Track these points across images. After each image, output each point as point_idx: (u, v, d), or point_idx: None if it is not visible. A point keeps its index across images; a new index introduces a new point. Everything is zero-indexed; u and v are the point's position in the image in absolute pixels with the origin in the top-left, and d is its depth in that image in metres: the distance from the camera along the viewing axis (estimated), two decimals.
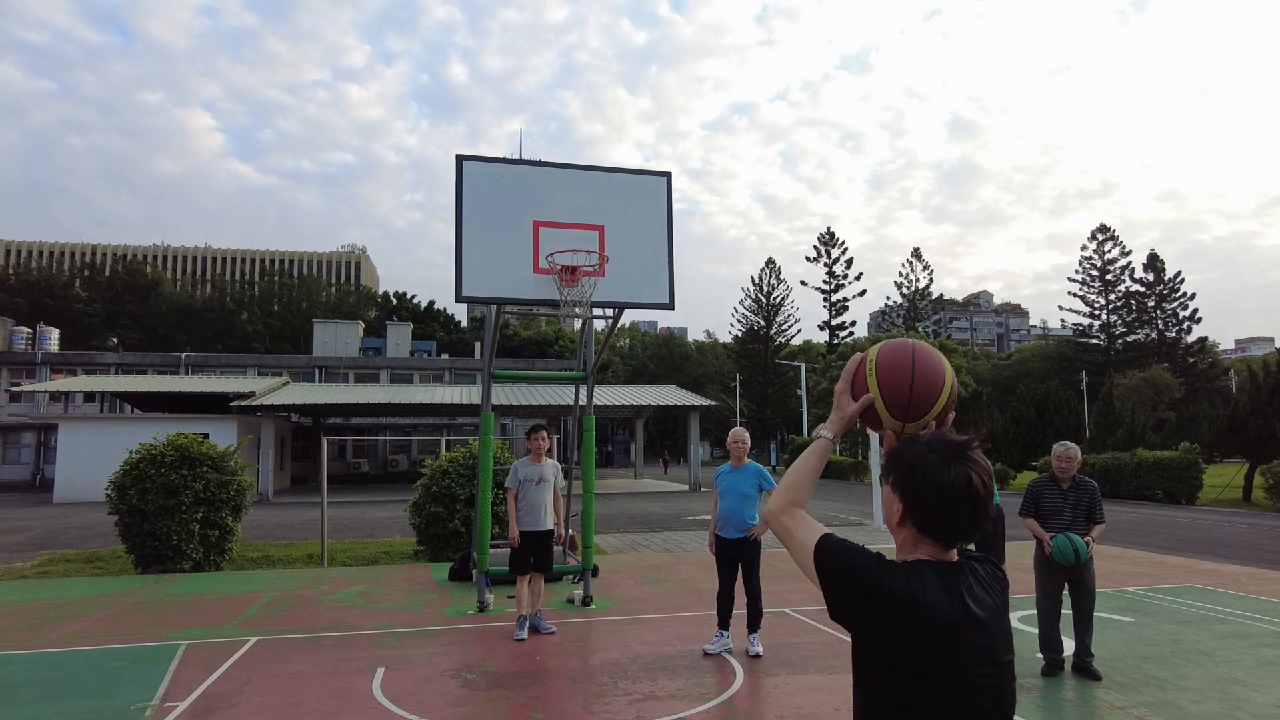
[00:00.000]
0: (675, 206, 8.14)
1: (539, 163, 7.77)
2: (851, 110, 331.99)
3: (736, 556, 6.31)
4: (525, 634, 6.71)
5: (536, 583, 7.05)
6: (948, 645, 1.49)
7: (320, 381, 42.65)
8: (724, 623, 6.37)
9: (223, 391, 30.14)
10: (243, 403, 28.34)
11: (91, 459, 24.88)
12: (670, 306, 7.83)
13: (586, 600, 8.28)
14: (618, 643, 6.69)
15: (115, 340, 53.06)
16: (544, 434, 7.13)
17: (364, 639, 6.82)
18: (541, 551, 6.97)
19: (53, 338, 45.46)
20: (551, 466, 7.15)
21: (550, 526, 7.06)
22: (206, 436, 11.18)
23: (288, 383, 36.43)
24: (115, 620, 7.61)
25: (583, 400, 9.56)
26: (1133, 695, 5.20)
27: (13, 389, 38.43)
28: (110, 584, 9.70)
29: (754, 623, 6.29)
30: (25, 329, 46.08)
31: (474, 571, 8.57)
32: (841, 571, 1.53)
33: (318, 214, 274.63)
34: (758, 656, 6.12)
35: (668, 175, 8.07)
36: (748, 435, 6.58)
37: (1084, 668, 5.63)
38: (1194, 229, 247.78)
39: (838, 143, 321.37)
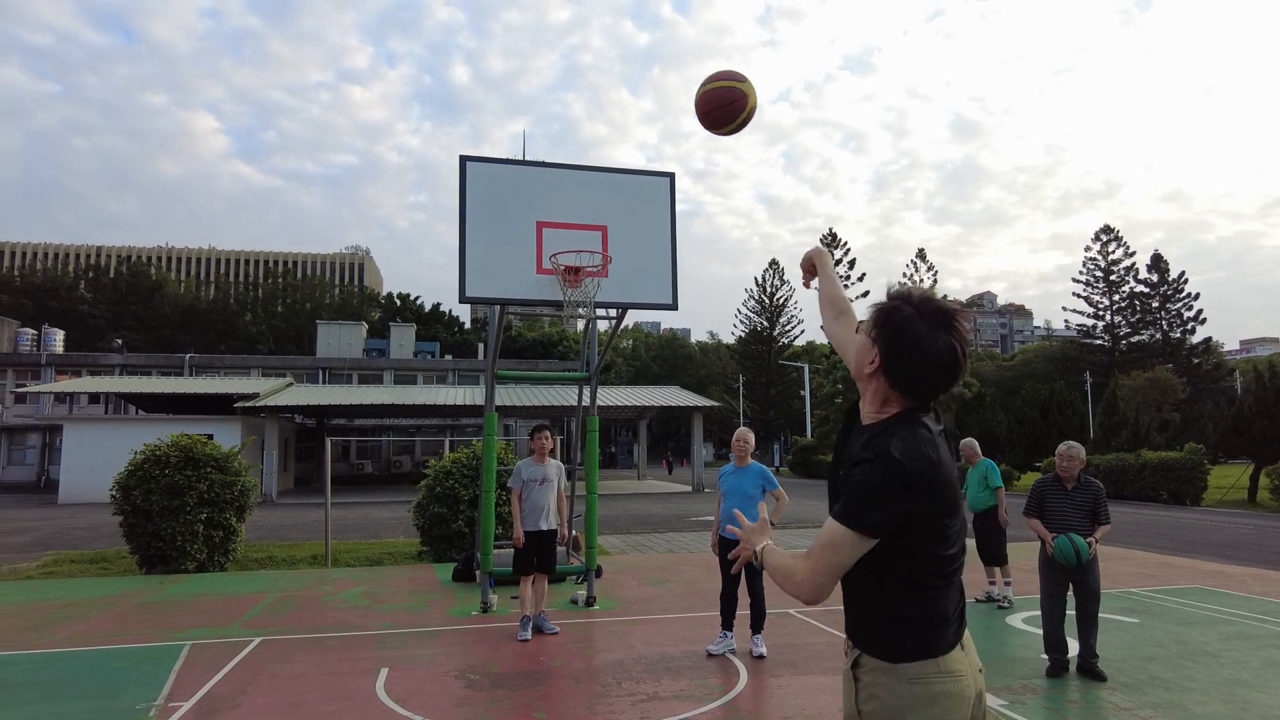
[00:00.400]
0: (678, 208, 8.14)
1: (542, 163, 7.77)
2: (854, 111, 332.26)
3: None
4: (529, 634, 6.70)
5: (540, 583, 7.02)
6: (955, 498, 1.68)
7: (324, 383, 42.69)
8: (728, 623, 6.36)
9: (227, 393, 30.19)
10: (247, 404, 28.38)
11: (96, 460, 24.93)
12: (673, 307, 7.83)
13: (590, 601, 8.28)
14: (621, 643, 6.68)
15: (120, 341, 53.21)
16: (547, 434, 7.11)
17: (367, 639, 6.82)
18: (545, 552, 6.95)
19: (58, 339, 45.55)
20: (555, 467, 7.12)
21: (554, 527, 7.02)
22: (210, 437, 11.19)
23: (291, 384, 36.48)
24: (120, 620, 7.63)
25: (586, 401, 9.56)
26: (1138, 696, 5.18)
27: (18, 390, 38.54)
28: (115, 584, 9.71)
29: (757, 623, 6.28)
30: (30, 330, 46.21)
31: (477, 572, 8.58)
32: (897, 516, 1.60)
33: (321, 215, 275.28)
34: (761, 657, 6.11)
35: (671, 176, 8.07)
36: (752, 436, 6.56)
37: (1089, 669, 5.61)
38: (1198, 229, 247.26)
39: (840, 143, 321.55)
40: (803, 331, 68.11)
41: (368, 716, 4.87)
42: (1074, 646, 5.78)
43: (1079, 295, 65.53)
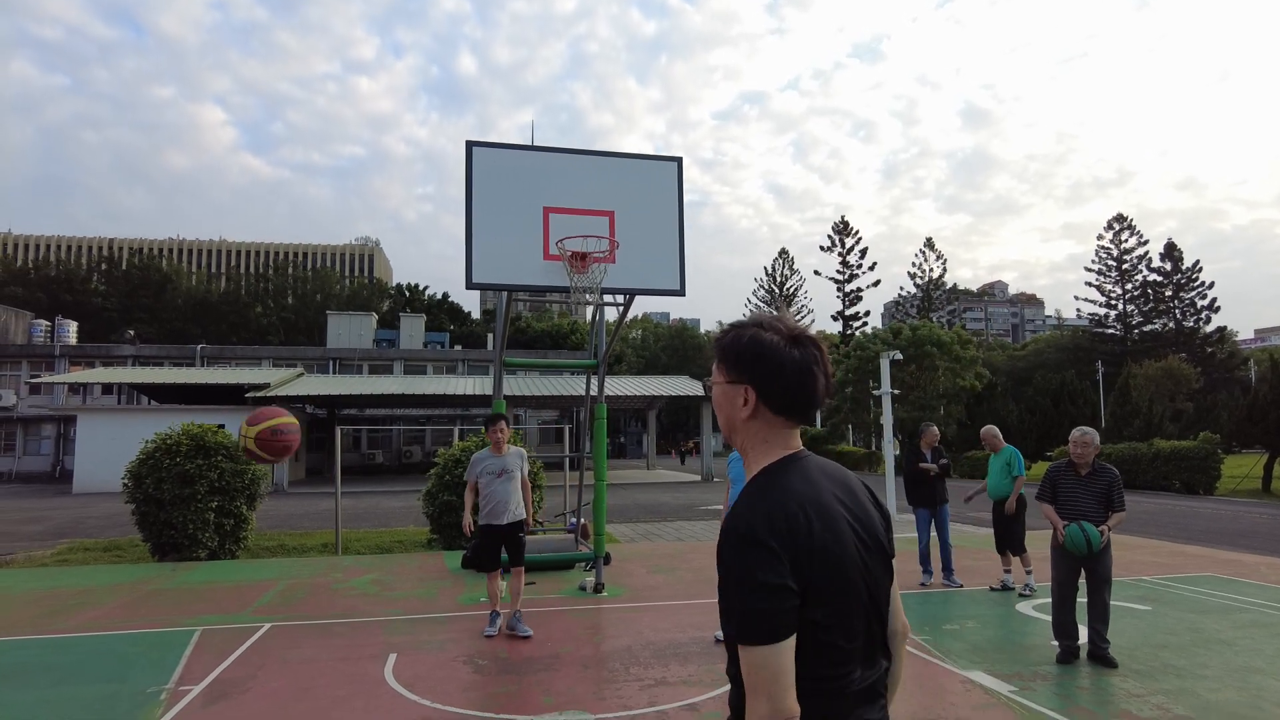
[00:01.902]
0: (686, 198, 8.10)
1: (549, 148, 7.74)
2: (863, 99, 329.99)
3: None
4: (496, 630, 6.39)
5: (516, 580, 6.57)
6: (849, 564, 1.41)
7: (334, 373, 42.89)
8: None
9: (238, 383, 30.35)
10: (257, 394, 28.54)
11: (110, 450, 25.13)
12: (681, 293, 7.79)
13: (599, 588, 8.29)
14: (630, 630, 6.68)
15: (132, 333, 53.63)
16: (504, 424, 6.64)
17: (377, 626, 6.85)
18: (513, 546, 6.53)
19: (71, 331, 45.93)
20: (516, 456, 6.61)
21: (518, 519, 6.54)
22: (221, 427, 11.25)
23: (302, 374, 36.63)
24: (132, 607, 7.69)
25: (594, 390, 9.55)
26: (1150, 683, 5.14)
27: (33, 381, 38.88)
28: (128, 572, 9.79)
29: None
30: (44, 322, 46.62)
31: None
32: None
33: (329, 207, 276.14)
34: None
35: (678, 160, 8.02)
36: None
37: (1100, 655, 5.57)
38: (1213, 218, 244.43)
39: (850, 132, 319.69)
40: (813, 321, 67.94)
41: (376, 701, 4.89)
42: (1084, 633, 5.74)
43: (1091, 284, 65.00)
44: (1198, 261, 61.36)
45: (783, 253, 67.56)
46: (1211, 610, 7.27)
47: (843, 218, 64.69)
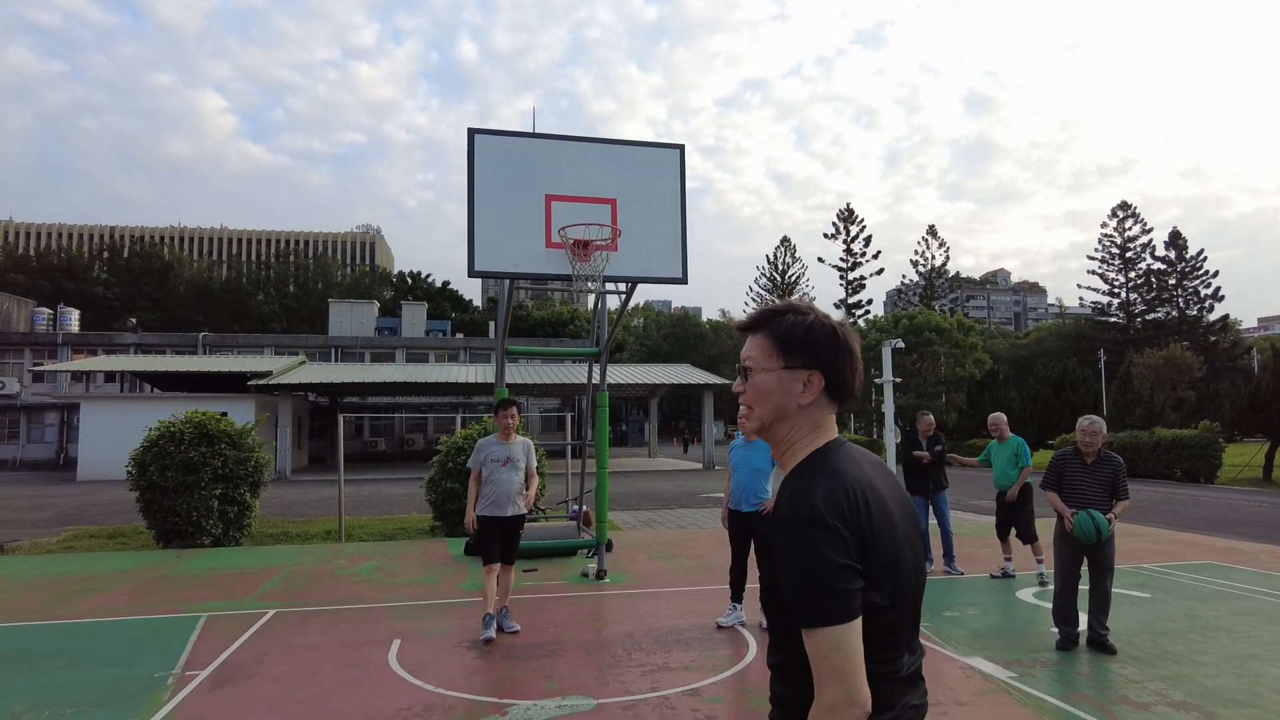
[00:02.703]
0: (688, 185, 8.08)
1: (550, 135, 7.72)
2: (866, 86, 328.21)
3: (749, 530, 6.31)
4: (493, 633, 5.93)
5: (506, 576, 6.28)
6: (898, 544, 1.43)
7: (336, 361, 42.94)
8: (737, 596, 6.39)
9: (240, 371, 30.41)
10: (260, 382, 28.59)
11: (113, 437, 25.20)
12: (683, 281, 7.79)
13: (601, 574, 8.33)
14: (631, 616, 6.72)
15: (134, 321, 53.69)
16: (514, 410, 6.27)
17: (380, 612, 6.90)
18: (510, 541, 6.22)
19: (73, 319, 45.99)
20: (521, 446, 6.25)
21: (521, 512, 6.22)
22: (224, 415, 11.27)
23: (304, 362, 36.70)
24: (138, 593, 7.74)
25: (596, 378, 9.56)
26: (1148, 670, 5.17)
27: (35, 369, 38.97)
28: (133, 559, 9.85)
29: None
30: (47, 310, 46.65)
31: None
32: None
33: (330, 195, 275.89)
34: None
35: (680, 148, 7.99)
36: None
37: (1099, 642, 5.60)
38: (1217, 205, 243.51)
39: (852, 119, 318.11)
40: None
41: (380, 686, 4.93)
42: (1084, 620, 5.77)
43: (1094, 273, 64.83)
44: (1202, 250, 61.12)
45: (785, 240, 67.50)
46: (1210, 597, 7.31)
47: (848, 205, 64.36)
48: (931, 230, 67.96)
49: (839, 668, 1.29)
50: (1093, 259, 64.92)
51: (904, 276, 70.87)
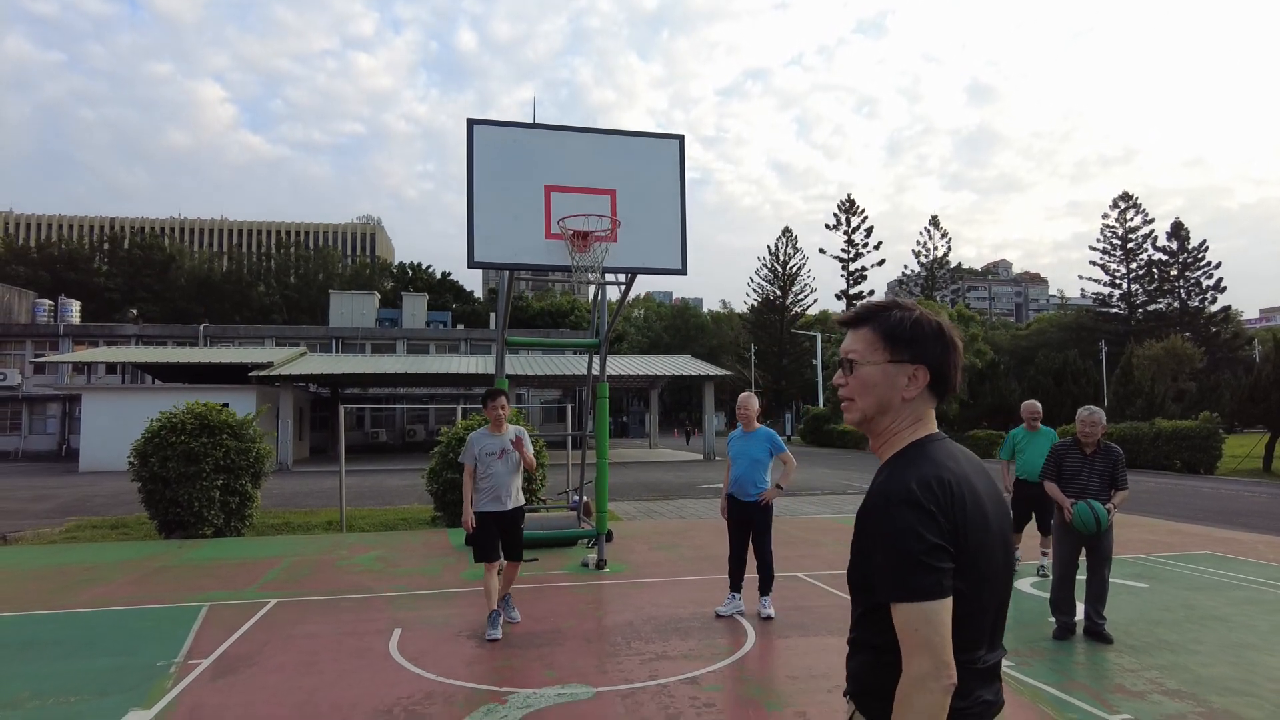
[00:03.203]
0: (688, 175, 8.07)
1: (550, 126, 7.70)
2: (867, 75, 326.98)
3: (748, 520, 6.33)
4: (499, 632, 5.73)
5: (509, 571, 6.14)
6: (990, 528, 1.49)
7: (337, 352, 42.97)
8: (736, 585, 6.42)
9: (241, 362, 30.44)
10: (261, 373, 28.62)
11: (115, 428, 25.29)
12: (683, 271, 7.79)
13: (600, 564, 8.37)
14: (631, 605, 6.76)
15: (135, 312, 53.72)
16: (503, 400, 6.06)
17: (381, 601, 6.94)
18: (511, 535, 6.00)
19: (74, 310, 46.01)
20: (514, 434, 6.00)
21: (519, 504, 6.04)
22: (225, 405, 11.30)
23: (305, 353, 36.72)
24: (140, 583, 7.79)
25: (596, 369, 9.57)
26: (1144, 659, 5.21)
27: (37, 360, 39.02)
28: (135, 549, 9.90)
29: (765, 586, 6.33)
30: (48, 301, 46.67)
31: None
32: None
33: (330, 185, 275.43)
34: (769, 619, 6.17)
35: (680, 138, 7.98)
36: (754, 401, 6.46)
37: (1096, 631, 5.63)
38: (1220, 196, 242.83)
39: (853, 108, 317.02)
40: (815, 300, 68.04)
41: (381, 675, 4.97)
42: (1081, 609, 5.80)
43: (1096, 263, 64.80)
44: (1204, 241, 61.08)
45: (786, 231, 67.29)
46: (1206, 587, 7.34)
47: (849, 196, 64.46)
48: (934, 221, 67.88)
49: (929, 640, 1.34)
50: (1094, 249, 64.92)
51: (905, 267, 70.92)
